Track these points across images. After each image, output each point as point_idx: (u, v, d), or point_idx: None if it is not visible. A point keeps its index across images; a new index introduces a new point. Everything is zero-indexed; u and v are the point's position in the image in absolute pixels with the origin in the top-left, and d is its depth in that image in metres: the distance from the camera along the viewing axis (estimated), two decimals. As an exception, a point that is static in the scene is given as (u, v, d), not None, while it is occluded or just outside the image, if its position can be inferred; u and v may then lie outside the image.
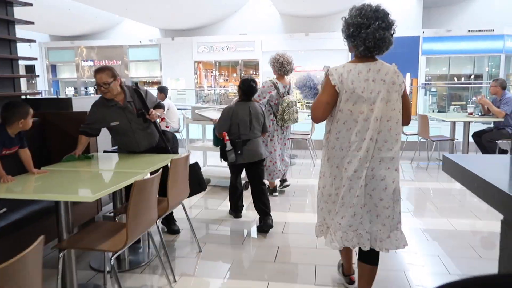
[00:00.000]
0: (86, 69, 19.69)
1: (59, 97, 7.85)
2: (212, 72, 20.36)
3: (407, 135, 6.99)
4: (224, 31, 18.76)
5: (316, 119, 2.27)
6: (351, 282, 2.67)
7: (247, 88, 3.85)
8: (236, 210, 4.18)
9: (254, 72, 19.67)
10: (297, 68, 19.02)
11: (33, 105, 3.51)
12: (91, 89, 20.66)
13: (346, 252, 2.59)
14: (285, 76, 4.88)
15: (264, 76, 19.04)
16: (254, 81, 3.89)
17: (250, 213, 4.30)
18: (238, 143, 3.77)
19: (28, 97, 4.20)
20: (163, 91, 7.15)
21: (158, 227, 2.87)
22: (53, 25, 17.68)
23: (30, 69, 19.64)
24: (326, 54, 17.91)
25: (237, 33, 18.43)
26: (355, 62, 2.26)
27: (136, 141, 3.36)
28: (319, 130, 7.16)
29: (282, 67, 4.72)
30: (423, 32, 16.35)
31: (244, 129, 3.81)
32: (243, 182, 4.42)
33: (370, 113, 2.16)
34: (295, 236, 3.71)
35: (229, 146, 3.76)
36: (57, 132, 3.51)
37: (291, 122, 4.74)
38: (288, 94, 4.85)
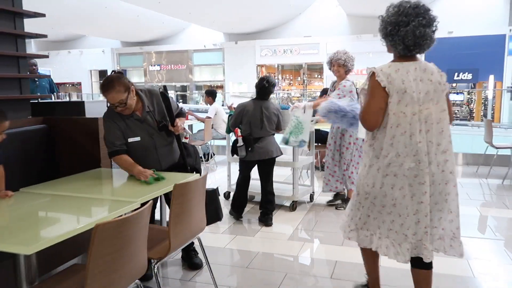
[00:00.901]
0: (153, 73, 20.00)
1: (71, 100, 7.70)
2: (275, 76, 19.77)
3: (497, 148, 5.84)
4: (287, 33, 18.09)
5: (371, 128, 2.10)
6: None
7: (260, 87, 3.98)
8: (237, 211, 4.17)
9: (319, 76, 18.76)
10: (363, 71, 18.06)
11: (41, 109, 3.19)
12: (158, 93, 21.03)
13: (373, 261, 2.39)
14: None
15: (328, 80, 18.11)
16: (268, 81, 3.97)
17: (292, 244, 3.56)
18: (249, 140, 3.90)
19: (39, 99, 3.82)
20: (211, 94, 6.65)
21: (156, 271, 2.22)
22: (124, 32, 18.14)
23: (103, 74, 20.40)
24: (395, 56, 16.58)
25: (301, 35, 17.68)
26: (399, 61, 2.12)
27: (159, 159, 2.80)
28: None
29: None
30: (510, 30, 14.43)
31: (255, 127, 3.93)
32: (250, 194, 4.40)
33: (422, 114, 2.05)
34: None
35: (240, 142, 3.90)
36: (66, 140, 3.01)
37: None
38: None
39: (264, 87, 3.96)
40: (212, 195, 2.77)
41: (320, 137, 5.75)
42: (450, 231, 2.14)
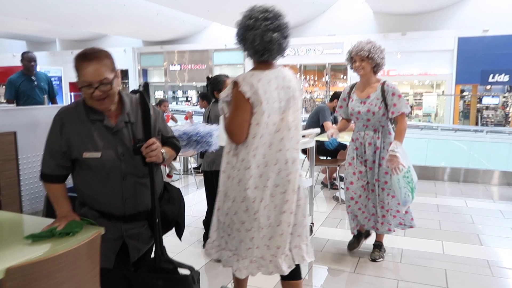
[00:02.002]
0: (173, 73, 19.55)
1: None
2: (297, 76, 18.97)
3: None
4: (310, 32, 17.26)
5: (238, 141, 1.98)
6: None
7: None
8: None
9: (343, 77, 17.86)
10: (391, 72, 17.04)
11: None
12: (179, 93, 20.58)
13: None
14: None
15: (353, 80, 17.13)
16: (212, 79, 3.51)
17: None
18: None
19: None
20: (206, 97, 5.83)
21: None
22: (144, 31, 17.74)
23: (125, 74, 20.11)
24: (426, 55, 15.59)
25: (324, 34, 16.83)
26: (259, 69, 2.02)
27: (123, 195, 1.82)
28: (408, 151, 5.40)
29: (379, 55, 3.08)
30: (552, 28, 13.18)
31: None
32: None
33: (282, 123, 2.02)
34: None
35: None
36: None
37: None
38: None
39: (208, 87, 3.53)
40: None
41: (329, 150, 4.99)
42: (305, 237, 2.14)
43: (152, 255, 1.91)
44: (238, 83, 1.95)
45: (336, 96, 5.05)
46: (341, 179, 5.37)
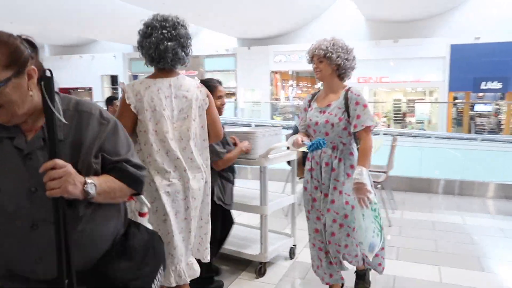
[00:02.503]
0: (164, 79, 19.16)
1: None
2: (289, 83, 18.66)
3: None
4: (303, 39, 16.97)
5: None
6: None
7: None
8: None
9: (336, 83, 17.54)
10: (383, 79, 16.81)
11: None
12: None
13: None
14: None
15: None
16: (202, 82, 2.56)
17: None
18: None
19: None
20: (110, 102, 5.28)
21: None
22: (134, 36, 17.25)
23: (114, 79, 19.70)
24: (419, 62, 15.35)
25: (316, 40, 16.51)
26: (154, 77, 2.07)
27: (38, 250, 1.24)
28: (398, 163, 5.05)
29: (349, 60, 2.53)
30: (545, 35, 12.99)
31: None
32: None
33: (175, 131, 2.02)
34: None
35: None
36: None
37: None
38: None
39: None
40: None
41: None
42: (199, 236, 2.19)
43: None
44: (124, 90, 1.98)
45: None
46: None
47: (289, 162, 4.38)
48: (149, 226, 1.52)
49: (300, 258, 3.36)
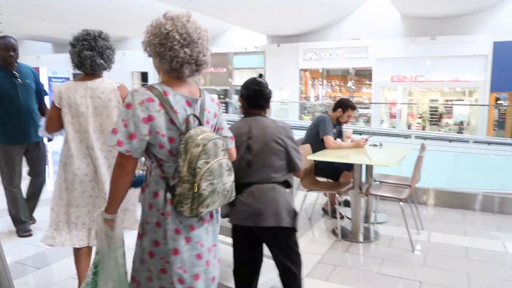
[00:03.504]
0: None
1: None
2: (319, 81, 17.88)
3: None
4: (334, 36, 16.21)
5: (48, 132, 2.42)
6: None
7: (250, 94, 2.19)
8: None
9: (369, 82, 16.64)
10: (418, 78, 15.72)
11: None
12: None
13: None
14: (191, 79, 1.67)
15: (377, 87, 16.01)
16: (260, 84, 2.18)
17: None
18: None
19: None
20: None
21: None
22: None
23: (144, 76, 19.60)
24: (458, 61, 14.26)
25: (348, 38, 15.70)
26: (78, 79, 2.38)
27: None
28: (428, 172, 4.31)
29: (170, 50, 1.54)
30: None
31: (240, 162, 2.04)
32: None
33: (91, 125, 2.31)
34: None
35: None
36: None
37: (218, 202, 1.56)
38: (200, 123, 1.58)
39: (256, 93, 2.15)
40: None
41: (329, 170, 3.98)
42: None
43: None
44: (54, 90, 2.36)
45: (341, 104, 4.04)
46: (346, 204, 4.34)
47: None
48: None
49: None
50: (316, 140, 3.94)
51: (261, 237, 2.16)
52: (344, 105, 4.00)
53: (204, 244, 1.58)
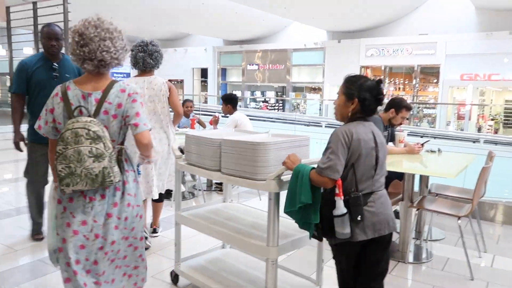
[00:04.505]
0: (251, 73, 18.74)
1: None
2: (383, 79, 16.95)
3: None
4: (398, 31, 15.20)
5: None
6: None
7: (373, 95, 1.89)
8: None
9: (435, 81, 15.45)
10: (493, 76, 14.30)
11: None
12: (257, 93, 19.72)
13: None
14: (102, 75, 1.91)
15: (446, 84, 14.78)
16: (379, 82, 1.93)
17: None
18: (356, 200, 1.80)
19: None
20: (231, 101, 4.61)
21: None
22: (225, 30, 17.20)
23: (205, 73, 19.86)
24: (540, 58, 12.69)
25: (414, 33, 14.66)
26: (138, 76, 3.22)
27: None
28: (498, 182, 3.73)
29: (79, 48, 1.83)
30: None
31: (368, 172, 1.87)
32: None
33: (150, 109, 3.15)
34: None
35: (341, 207, 1.77)
36: None
37: (82, 184, 1.76)
38: (93, 115, 1.83)
39: (378, 91, 1.91)
40: None
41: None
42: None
43: None
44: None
45: (394, 104, 3.58)
46: (397, 216, 3.86)
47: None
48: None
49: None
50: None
51: (376, 246, 1.94)
52: (397, 105, 3.53)
53: (75, 216, 1.84)
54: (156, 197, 3.23)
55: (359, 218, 1.78)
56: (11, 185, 5.25)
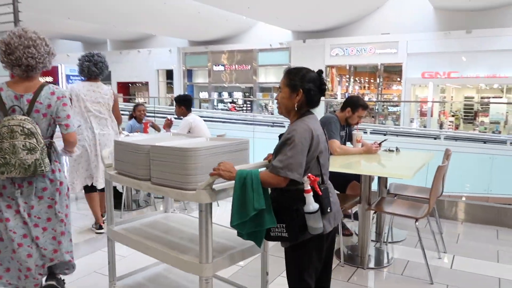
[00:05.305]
0: (218, 74, 18.42)
1: None
2: (346, 78, 17.03)
3: None
4: (362, 31, 15.31)
5: None
6: None
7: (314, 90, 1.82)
8: None
9: (398, 79, 15.66)
10: (452, 74, 14.62)
11: None
12: (225, 94, 19.39)
13: None
14: (31, 78, 2.21)
15: (408, 83, 15.00)
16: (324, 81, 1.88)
17: None
18: (326, 192, 1.75)
19: None
20: (184, 102, 4.29)
21: None
22: (188, 31, 16.82)
23: (170, 74, 19.38)
24: (495, 56, 13.12)
25: (377, 33, 14.79)
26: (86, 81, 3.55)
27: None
28: (459, 177, 3.66)
29: (8, 56, 2.14)
30: None
31: (327, 164, 1.89)
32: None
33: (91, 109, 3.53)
34: None
35: (313, 203, 1.67)
36: None
37: (15, 172, 2.08)
38: (27, 113, 2.14)
39: (321, 81, 1.84)
40: None
41: (338, 180, 3.33)
42: None
43: None
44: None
45: (350, 102, 3.41)
46: (356, 217, 3.70)
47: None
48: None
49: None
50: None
51: (333, 237, 1.95)
52: (353, 104, 3.37)
53: (13, 198, 2.18)
54: (102, 186, 3.48)
55: (329, 210, 1.75)
56: None
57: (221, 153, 1.85)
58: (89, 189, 3.56)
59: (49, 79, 16.28)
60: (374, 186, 3.31)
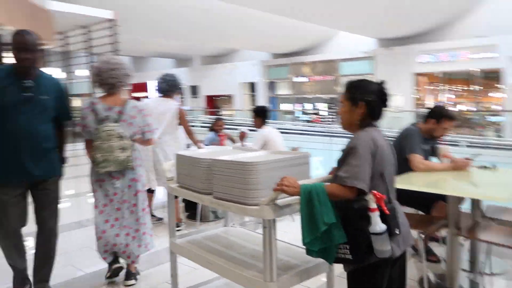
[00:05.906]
0: (299, 85, 18.35)
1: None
2: (438, 86, 15.80)
3: None
4: (454, 35, 14.10)
5: None
6: None
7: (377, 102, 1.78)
8: None
9: (496, 85, 14.10)
10: None
11: None
12: (308, 105, 19.14)
13: None
14: (115, 94, 2.78)
15: (511, 90, 13.38)
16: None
17: None
18: (392, 211, 1.61)
19: None
20: (260, 113, 4.25)
21: None
22: (270, 44, 17.05)
23: (253, 86, 19.78)
24: None
25: (472, 36, 13.49)
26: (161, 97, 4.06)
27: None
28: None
29: (98, 77, 2.76)
30: None
31: (393, 181, 1.79)
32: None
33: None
34: None
35: (379, 223, 1.53)
36: None
37: (113, 166, 2.66)
38: (116, 122, 2.69)
39: (383, 92, 1.83)
40: None
41: (418, 200, 2.96)
42: None
43: None
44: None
45: (434, 113, 3.05)
46: (443, 240, 3.27)
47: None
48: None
49: None
50: (400, 159, 3.02)
51: (402, 261, 1.80)
52: (438, 115, 3.01)
53: (109, 189, 2.74)
54: (154, 187, 3.97)
55: (397, 232, 1.62)
56: None
57: (281, 167, 1.73)
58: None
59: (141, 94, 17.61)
60: (465, 208, 2.90)
